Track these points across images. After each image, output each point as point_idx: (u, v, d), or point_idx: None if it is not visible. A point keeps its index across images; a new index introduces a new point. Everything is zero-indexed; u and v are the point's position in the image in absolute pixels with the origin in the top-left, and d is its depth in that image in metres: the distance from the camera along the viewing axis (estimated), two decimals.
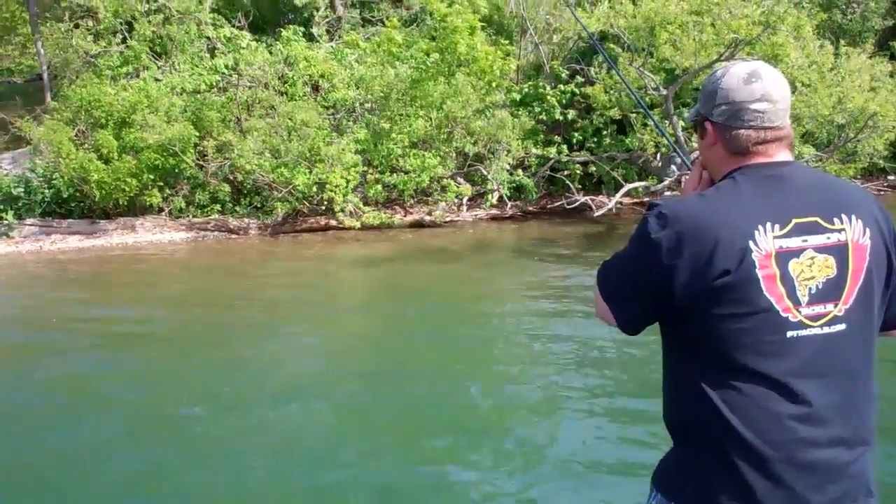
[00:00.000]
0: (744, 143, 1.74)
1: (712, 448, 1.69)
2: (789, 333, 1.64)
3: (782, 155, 1.75)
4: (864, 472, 1.70)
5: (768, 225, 1.65)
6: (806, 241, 1.66)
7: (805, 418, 1.64)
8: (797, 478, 1.63)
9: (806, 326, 1.64)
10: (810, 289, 1.65)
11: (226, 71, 17.18)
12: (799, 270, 1.65)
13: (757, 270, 1.62)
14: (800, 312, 1.64)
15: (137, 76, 17.14)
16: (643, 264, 1.71)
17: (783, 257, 1.64)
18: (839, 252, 1.67)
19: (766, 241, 1.64)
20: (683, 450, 1.77)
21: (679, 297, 1.66)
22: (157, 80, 16.95)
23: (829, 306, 1.66)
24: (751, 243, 1.63)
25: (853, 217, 1.69)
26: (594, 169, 17.24)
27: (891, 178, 19.04)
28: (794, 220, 1.66)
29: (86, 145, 16.14)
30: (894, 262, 1.73)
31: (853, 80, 15.06)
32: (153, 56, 17.82)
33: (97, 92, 16.24)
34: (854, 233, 1.69)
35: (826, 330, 1.65)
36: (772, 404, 1.63)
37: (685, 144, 16.09)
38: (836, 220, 1.68)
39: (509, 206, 17.00)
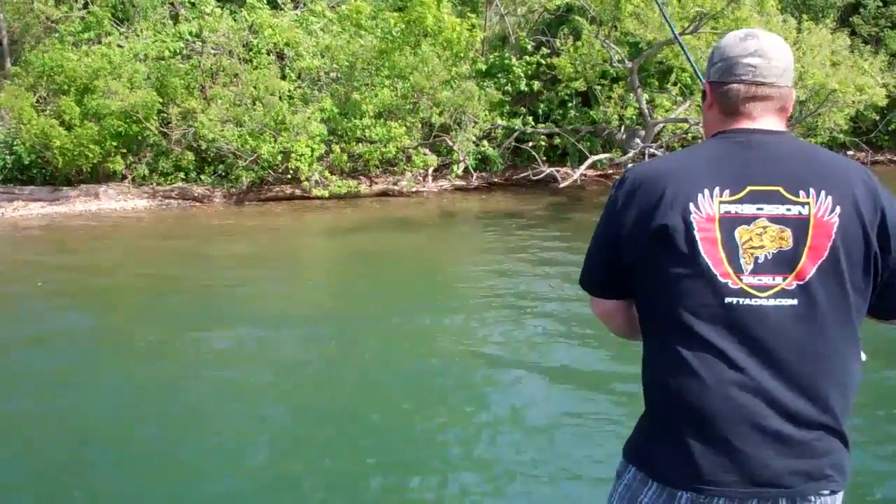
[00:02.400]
0: (733, 98, 1.72)
1: (657, 411, 1.73)
2: (727, 299, 1.61)
3: (768, 120, 1.73)
4: (820, 454, 1.64)
5: (717, 189, 1.63)
6: (761, 209, 1.62)
7: (744, 387, 1.61)
8: (736, 446, 1.61)
9: (749, 295, 1.61)
10: (756, 258, 1.62)
11: (190, 38, 16.97)
12: (747, 238, 1.62)
13: (695, 232, 1.62)
14: (741, 280, 1.62)
15: (99, 42, 16.87)
16: (603, 222, 1.78)
17: (729, 222, 1.63)
18: (798, 225, 1.62)
19: (708, 205, 1.63)
20: (642, 414, 1.80)
21: (625, 250, 1.70)
22: (119, 46, 16.71)
23: (778, 279, 1.61)
24: (691, 205, 1.62)
25: (822, 192, 1.62)
26: (559, 141, 17.37)
27: (850, 152, 19.37)
28: (750, 188, 1.63)
29: (47, 111, 15.91)
30: (873, 245, 1.64)
31: (814, 55, 15.22)
32: (115, 22, 17.54)
33: (59, 58, 15.97)
34: (820, 208, 1.62)
35: (773, 302, 1.61)
36: (708, 370, 1.62)
37: (649, 117, 16.29)
38: (801, 192, 1.63)
39: (474, 177, 17.09)
